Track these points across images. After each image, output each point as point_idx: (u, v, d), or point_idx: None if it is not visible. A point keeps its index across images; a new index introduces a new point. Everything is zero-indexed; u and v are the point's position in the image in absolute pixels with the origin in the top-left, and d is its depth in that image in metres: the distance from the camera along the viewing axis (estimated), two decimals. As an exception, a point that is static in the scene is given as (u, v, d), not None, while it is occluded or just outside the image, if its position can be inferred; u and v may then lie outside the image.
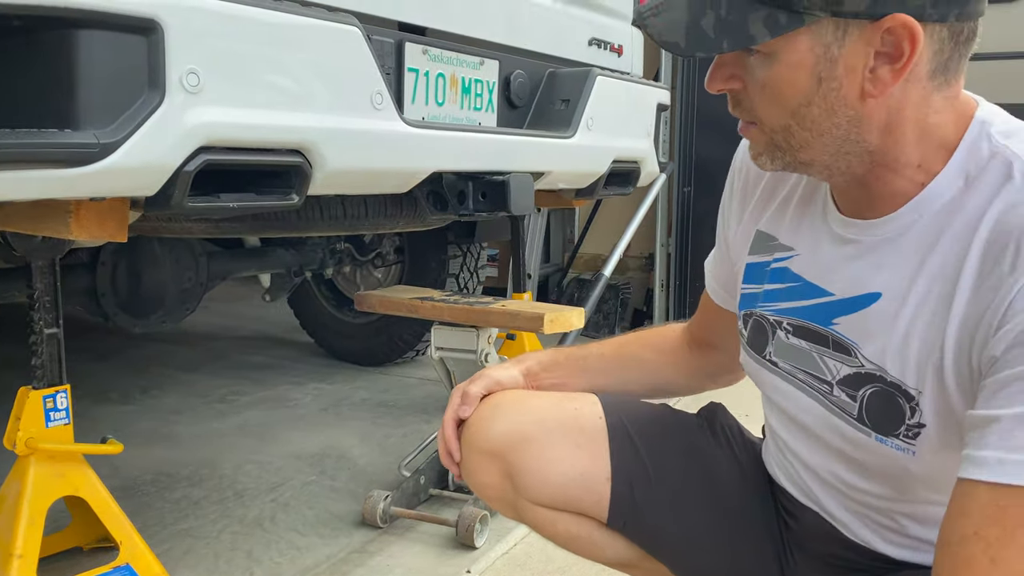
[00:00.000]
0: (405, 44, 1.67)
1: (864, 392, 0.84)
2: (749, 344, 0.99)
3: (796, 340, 0.91)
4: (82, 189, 1.14)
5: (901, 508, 0.89)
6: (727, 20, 0.76)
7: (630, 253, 4.06)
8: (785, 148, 0.82)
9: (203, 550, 1.73)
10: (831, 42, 0.75)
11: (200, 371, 3.12)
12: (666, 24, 0.80)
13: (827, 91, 0.77)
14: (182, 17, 1.15)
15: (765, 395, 1.00)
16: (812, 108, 0.78)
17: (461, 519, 1.75)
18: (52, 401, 1.49)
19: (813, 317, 0.89)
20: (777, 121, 0.81)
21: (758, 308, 0.96)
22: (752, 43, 0.76)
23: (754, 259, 0.98)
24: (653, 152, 2.37)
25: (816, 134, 0.79)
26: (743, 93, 0.82)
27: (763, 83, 0.79)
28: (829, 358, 0.87)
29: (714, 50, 0.78)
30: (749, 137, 0.86)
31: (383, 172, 1.57)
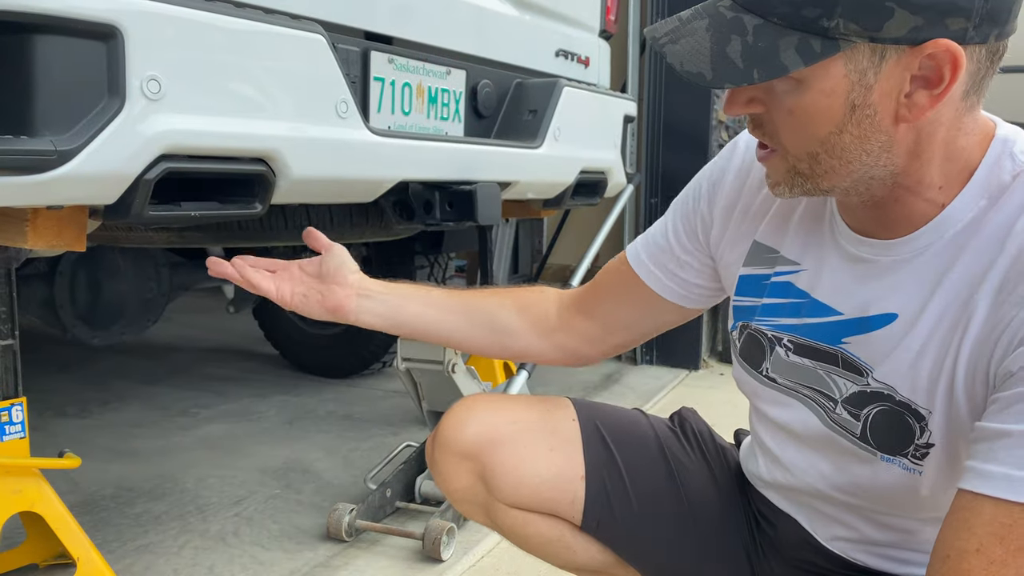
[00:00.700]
0: (371, 53, 1.66)
1: (869, 411, 0.83)
2: (743, 357, 0.97)
3: (797, 358, 0.90)
4: (39, 197, 1.12)
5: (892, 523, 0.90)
6: (756, 47, 0.73)
7: (598, 263, 4.08)
8: (808, 175, 0.79)
9: (163, 566, 1.70)
10: (867, 68, 0.72)
11: (162, 384, 3.07)
12: (688, 52, 0.76)
13: (861, 118, 0.74)
14: (143, 23, 1.14)
15: (756, 408, 0.99)
16: (844, 136, 0.75)
17: (428, 532, 1.74)
18: (7, 414, 1.44)
19: (820, 336, 0.87)
20: (803, 148, 0.77)
21: (754, 322, 0.94)
22: (784, 72, 0.73)
23: (750, 271, 0.96)
24: (620, 163, 2.38)
25: (844, 161, 0.77)
26: (765, 116, 0.79)
27: (791, 109, 0.76)
28: (838, 376, 0.86)
29: (744, 81, 0.74)
30: (768, 166, 0.82)
31: (348, 181, 1.56)
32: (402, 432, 2.59)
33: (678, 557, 1.07)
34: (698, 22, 0.76)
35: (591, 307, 1.11)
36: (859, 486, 0.89)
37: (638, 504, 1.06)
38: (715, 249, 1.01)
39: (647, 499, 1.07)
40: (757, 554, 1.06)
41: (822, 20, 0.71)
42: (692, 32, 0.76)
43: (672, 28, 0.78)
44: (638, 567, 1.10)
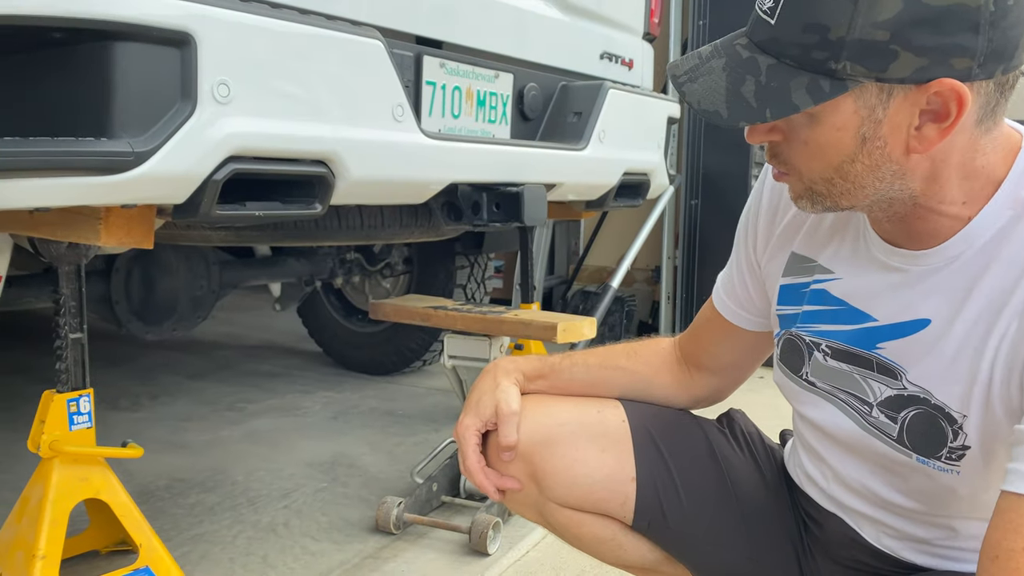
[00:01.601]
0: (424, 57, 1.70)
1: (906, 414, 0.86)
2: (783, 362, 1.00)
3: (835, 362, 0.93)
4: (116, 196, 1.17)
5: (936, 521, 0.92)
6: (768, 87, 0.77)
7: (636, 265, 4.09)
8: (826, 195, 0.83)
9: (219, 555, 1.75)
10: (876, 105, 0.76)
11: (209, 379, 3.14)
12: (704, 91, 0.79)
13: (871, 149, 0.78)
14: (215, 30, 1.19)
15: (798, 411, 1.02)
16: (856, 164, 0.79)
17: (474, 526, 1.77)
18: (76, 405, 1.51)
19: (856, 341, 0.90)
20: (819, 175, 0.81)
21: (795, 328, 0.97)
22: (796, 111, 0.76)
23: (790, 280, 0.99)
24: (663, 164, 2.40)
25: (858, 186, 0.80)
26: (783, 145, 0.83)
27: (805, 140, 0.80)
28: (873, 380, 0.89)
29: (757, 119, 0.78)
30: (787, 183, 0.86)
31: (402, 183, 1.60)
32: (444, 428, 2.63)
33: (728, 557, 1.08)
34: (716, 61, 0.81)
35: (698, 357, 1.15)
36: (897, 487, 0.91)
37: (689, 505, 1.08)
38: (762, 264, 1.05)
39: (698, 499, 1.09)
40: (805, 555, 1.08)
41: (829, 63, 0.74)
42: (709, 71, 0.80)
43: (692, 67, 0.83)
44: (688, 566, 1.12)
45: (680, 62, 0.84)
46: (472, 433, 1.09)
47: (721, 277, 1.13)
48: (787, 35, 0.76)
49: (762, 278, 1.05)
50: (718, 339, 1.12)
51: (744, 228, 1.07)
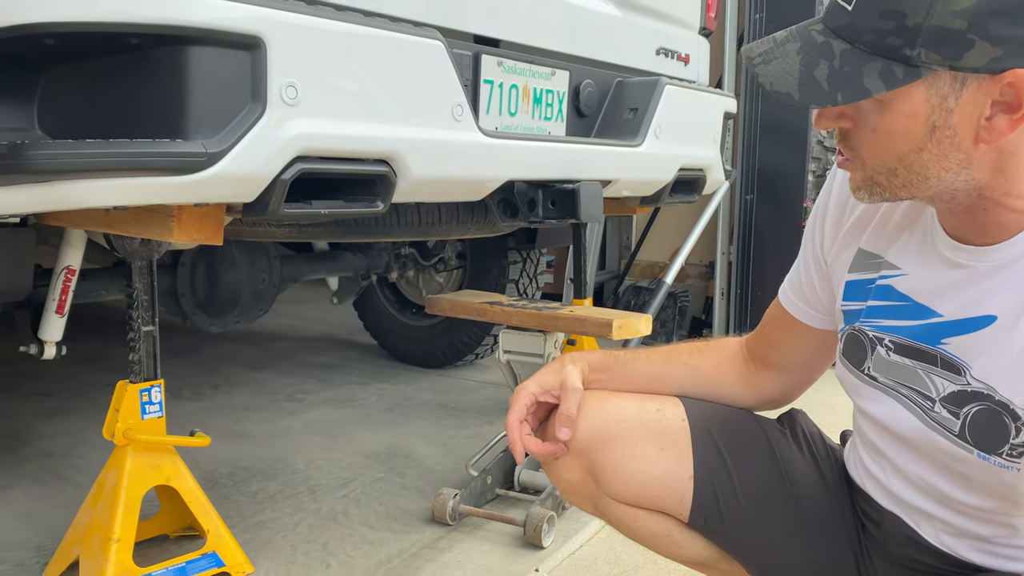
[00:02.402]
0: (482, 56, 1.72)
1: (969, 410, 0.86)
2: (845, 356, 1.00)
3: (898, 357, 0.93)
4: (189, 195, 1.22)
5: (996, 519, 0.91)
6: (841, 71, 0.77)
7: (689, 261, 4.06)
8: (886, 186, 0.84)
9: (281, 542, 1.80)
10: (948, 94, 0.76)
11: (268, 370, 3.22)
12: (777, 73, 0.81)
13: (940, 138, 0.78)
14: (283, 33, 1.22)
15: (859, 407, 1.02)
16: (923, 154, 0.79)
17: (529, 519, 1.79)
18: (148, 395, 1.57)
19: (920, 337, 0.90)
20: (883, 163, 0.82)
21: (859, 323, 0.98)
22: (867, 95, 0.77)
23: (856, 276, 0.99)
24: (719, 160, 2.39)
25: (922, 177, 0.81)
26: (852, 131, 0.83)
27: (874, 127, 0.80)
28: (936, 376, 0.89)
29: (829, 102, 0.79)
30: (848, 171, 0.87)
31: (460, 181, 1.62)
32: (497, 422, 2.66)
33: (786, 557, 1.09)
34: (791, 44, 0.82)
35: (768, 356, 1.15)
36: (958, 483, 0.91)
37: (746, 504, 1.08)
38: (829, 261, 1.05)
39: (756, 499, 1.09)
40: (863, 556, 1.07)
41: (904, 49, 0.75)
42: (784, 54, 0.81)
43: (766, 49, 0.84)
44: (744, 564, 1.12)
45: (755, 45, 0.86)
46: (527, 394, 1.10)
47: (788, 276, 1.14)
48: (863, 21, 0.77)
49: (828, 275, 1.05)
50: (786, 337, 1.13)
51: (812, 226, 1.08)
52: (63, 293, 1.82)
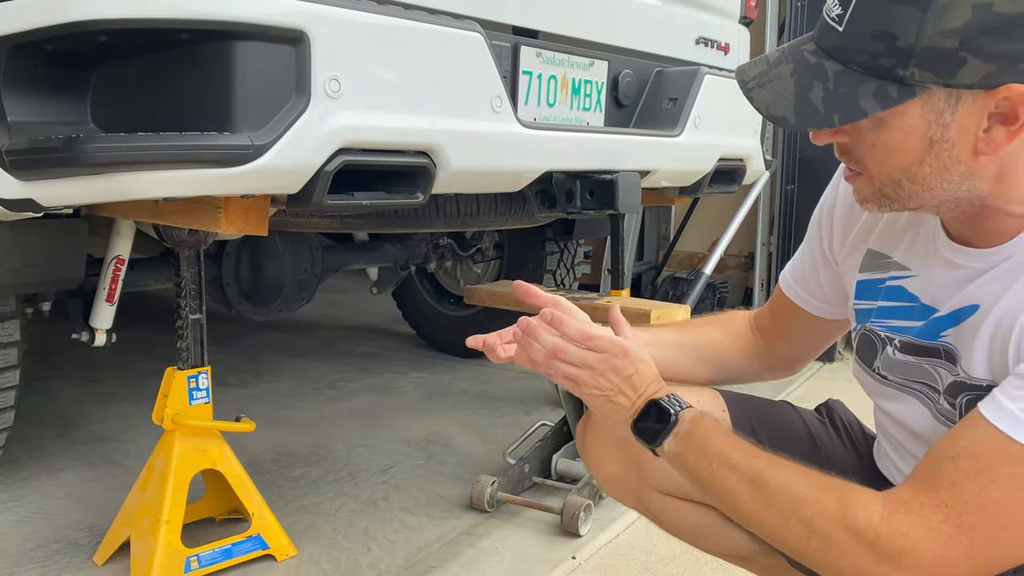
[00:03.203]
0: (521, 48, 1.73)
1: (961, 399, 0.86)
2: (858, 355, 1.01)
3: (903, 356, 0.94)
4: (235, 187, 1.25)
5: None
6: (836, 93, 0.78)
7: (729, 252, 4.03)
8: (894, 198, 0.84)
9: (323, 526, 1.84)
10: (944, 109, 0.76)
11: (310, 358, 3.28)
12: (772, 96, 0.81)
13: (939, 151, 0.78)
14: (327, 27, 1.25)
15: (877, 404, 1.02)
16: (923, 167, 0.80)
17: (566, 507, 1.81)
18: (195, 381, 1.61)
19: (923, 334, 0.91)
20: (888, 176, 0.82)
21: (870, 323, 0.98)
22: (863, 116, 0.78)
23: (866, 276, 1.00)
24: (759, 150, 2.37)
25: (926, 187, 0.81)
26: (851, 145, 0.84)
27: (872, 143, 0.81)
28: (940, 367, 0.90)
29: (825, 125, 0.79)
30: (856, 185, 0.87)
31: (499, 172, 1.64)
32: (534, 411, 2.67)
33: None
34: (784, 67, 0.82)
35: (774, 329, 1.18)
36: None
37: None
38: (839, 259, 1.06)
39: None
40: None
41: (897, 69, 0.75)
42: (777, 77, 0.81)
43: (759, 72, 0.84)
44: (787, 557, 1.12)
45: (748, 67, 0.86)
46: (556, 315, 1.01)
47: (790, 263, 1.15)
48: (855, 42, 0.77)
49: (839, 272, 1.07)
50: (788, 319, 1.16)
51: (819, 222, 1.09)
52: (113, 282, 1.87)
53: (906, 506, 0.77)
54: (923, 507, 0.76)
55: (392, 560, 1.70)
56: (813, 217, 1.10)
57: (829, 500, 0.81)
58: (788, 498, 0.83)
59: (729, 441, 0.90)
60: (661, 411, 0.94)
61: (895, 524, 0.77)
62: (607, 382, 0.95)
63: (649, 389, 0.96)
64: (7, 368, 1.82)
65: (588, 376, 0.95)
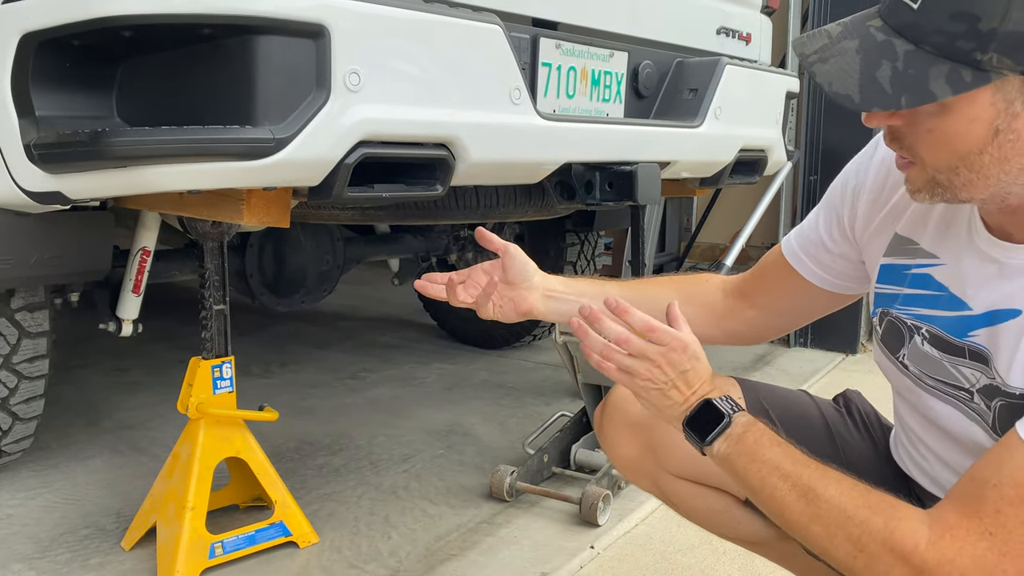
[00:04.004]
0: (540, 39, 1.73)
1: (995, 404, 0.86)
2: (883, 343, 1.00)
3: (929, 348, 0.93)
4: (257, 179, 1.27)
5: None
6: (905, 74, 0.75)
7: (751, 243, 4.00)
8: (947, 187, 0.82)
9: (344, 514, 1.87)
10: (1015, 98, 0.74)
11: (332, 349, 3.31)
12: (836, 72, 0.78)
13: (1003, 142, 0.76)
14: (346, 21, 1.26)
15: (897, 392, 1.01)
16: (984, 156, 0.78)
17: (585, 497, 1.82)
18: (219, 371, 1.64)
19: (950, 328, 0.90)
20: (944, 163, 0.80)
21: (895, 309, 0.97)
22: (933, 100, 0.75)
23: (891, 260, 0.99)
24: (781, 140, 2.35)
25: (982, 177, 0.79)
26: (905, 130, 0.81)
27: (931, 129, 0.78)
28: (965, 367, 0.89)
29: (892, 106, 0.77)
30: (908, 174, 0.85)
31: (518, 163, 1.64)
32: (553, 402, 2.69)
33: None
34: (848, 42, 0.79)
35: (754, 295, 1.17)
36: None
37: None
38: (860, 239, 1.04)
39: None
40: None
41: (976, 53, 0.73)
42: (841, 52, 0.78)
43: (821, 46, 0.81)
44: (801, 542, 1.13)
45: (807, 40, 0.83)
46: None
47: (798, 231, 1.12)
48: (931, 22, 0.74)
49: (859, 252, 1.05)
50: (780, 285, 1.13)
51: (841, 199, 1.06)
52: (139, 273, 1.91)
53: (952, 532, 0.77)
54: (968, 534, 0.76)
55: (412, 548, 1.72)
56: (834, 189, 1.07)
57: (877, 521, 0.81)
58: (836, 514, 0.83)
59: (781, 449, 0.90)
60: (714, 411, 0.93)
61: (942, 551, 0.77)
62: (663, 375, 0.94)
63: (703, 388, 0.96)
64: (37, 358, 1.86)
65: (644, 368, 0.94)
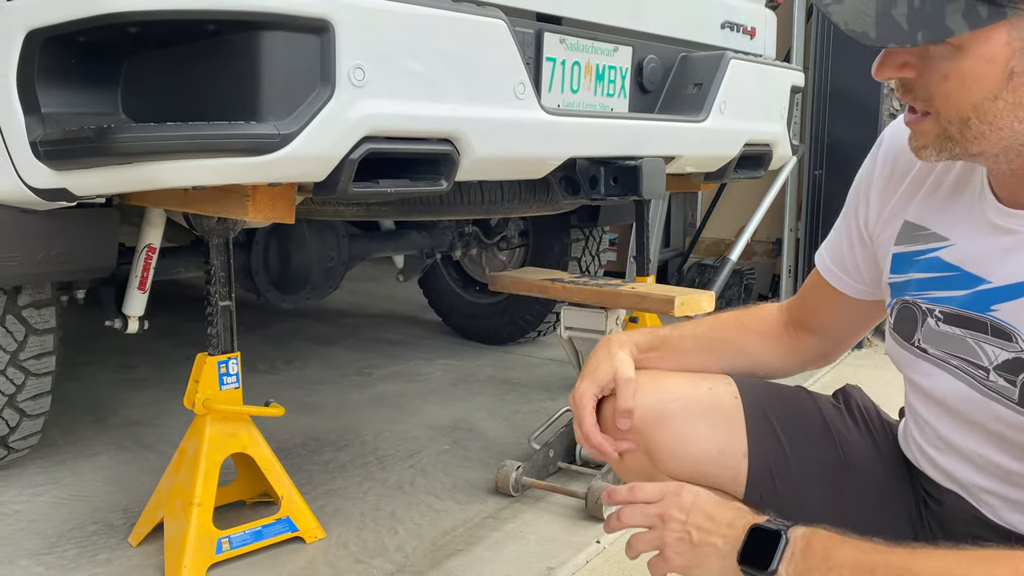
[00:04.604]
0: (544, 34, 1.73)
1: (1022, 378, 0.84)
2: (896, 330, 1.00)
3: (948, 327, 0.92)
4: (262, 175, 1.27)
5: None
6: (921, 10, 0.75)
7: (756, 238, 4.01)
8: (958, 140, 0.81)
9: (351, 509, 1.87)
10: None
11: (337, 345, 3.32)
12: (852, 12, 0.78)
13: (1018, 85, 0.75)
14: (351, 16, 1.26)
15: (910, 381, 1.01)
16: (998, 102, 0.77)
17: (591, 492, 1.82)
18: (225, 367, 1.64)
19: (970, 305, 0.89)
20: (955, 113, 0.79)
21: (908, 295, 0.97)
22: (949, 35, 0.74)
23: (903, 249, 0.98)
24: (786, 135, 2.35)
25: (995, 128, 0.78)
26: (918, 81, 0.81)
27: (946, 74, 0.78)
28: (987, 344, 0.88)
29: (907, 42, 0.76)
30: (918, 129, 0.84)
31: (522, 159, 1.64)
32: (559, 397, 2.69)
33: (842, 533, 1.09)
34: None
35: (805, 319, 1.16)
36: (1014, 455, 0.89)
37: (802, 481, 1.08)
38: (875, 235, 1.04)
39: (811, 476, 1.09)
40: (924, 532, 1.06)
41: None
42: None
43: None
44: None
45: None
46: (589, 398, 1.12)
47: (826, 244, 1.13)
48: None
49: (874, 249, 1.05)
50: (825, 305, 1.13)
51: (855, 199, 1.07)
52: (145, 270, 1.91)
53: None
54: None
55: (419, 543, 1.73)
56: (848, 195, 1.08)
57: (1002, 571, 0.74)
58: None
59: (854, 546, 0.83)
60: (767, 534, 0.85)
61: None
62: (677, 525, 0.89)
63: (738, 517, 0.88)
64: (44, 354, 1.86)
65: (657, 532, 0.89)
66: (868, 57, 0.85)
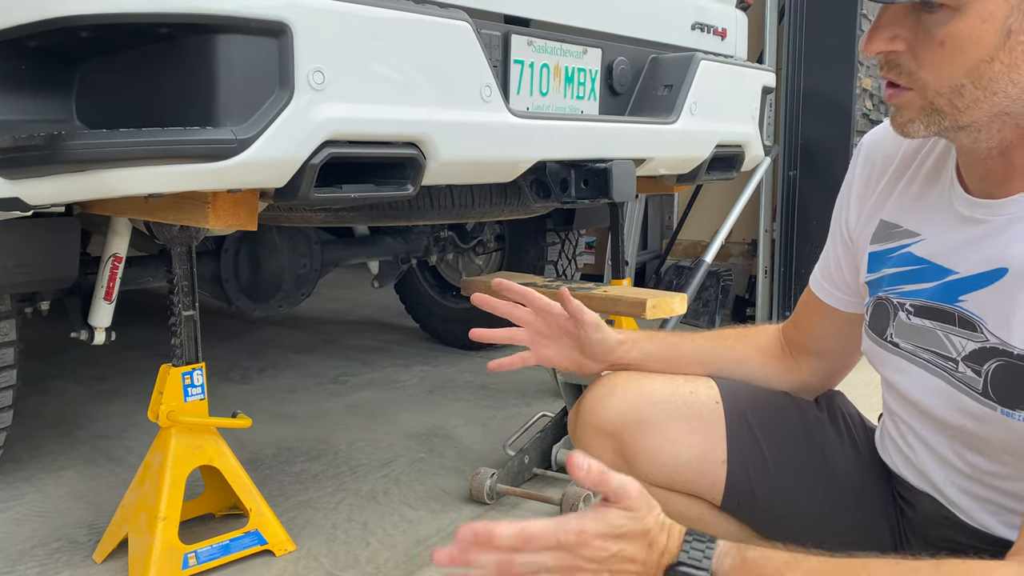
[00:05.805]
0: (511, 36, 1.71)
1: (989, 366, 0.84)
2: (870, 327, 0.99)
3: (918, 320, 0.92)
4: (220, 182, 1.24)
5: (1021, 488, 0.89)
6: None
7: (732, 239, 4.01)
8: (947, 111, 0.80)
9: (322, 520, 1.84)
10: None
11: (312, 353, 3.28)
12: None
13: (1014, 44, 0.75)
14: (309, 18, 1.24)
15: (885, 379, 1.00)
16: (994, 64, 0.77)
17: (566, 498, 1.80)
18: (190, 378, 1.61)
19: (938, 296, 0.89)
20: (948, 82, 0.79)
21: (881, 292, 0.97)
22: None
23: (877, 248, 0.99)
24: (758, 136, 2.34)
25: (990, 92, 0.78)
26: (904, 55, 0.80)
27: (943, 40, 0.77)
28: (954, 335, 0.88)
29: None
30: (901, 103, 0.83)
31: (491, 162, 1.62)
32: (535, 403, 2.67)
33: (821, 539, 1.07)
34: None
35: (801, 340, 1.15)
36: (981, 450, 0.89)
37: (781, 486, 1.07)
38: (855, 239, 1.04)
39: (791, 481, 1.07)
40: (902, 540, 1.06)
41: None
42: None
43: None
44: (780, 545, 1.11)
45: None
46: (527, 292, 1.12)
47: (818, 262, 1.13)
48: None
49: (854, 252, 1.04)
50: (819, 323, 1.12)
51: (839, 207, 1.07)
52: (111, 280, 1.87)
53: None
54: None
55: (391, 554, 1.70)
56: (834, 207, 1.09)
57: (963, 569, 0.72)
58: None
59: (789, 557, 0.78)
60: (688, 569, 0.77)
61: None
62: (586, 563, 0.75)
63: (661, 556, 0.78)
64: (4, 368, 1.82)
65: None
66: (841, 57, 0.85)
